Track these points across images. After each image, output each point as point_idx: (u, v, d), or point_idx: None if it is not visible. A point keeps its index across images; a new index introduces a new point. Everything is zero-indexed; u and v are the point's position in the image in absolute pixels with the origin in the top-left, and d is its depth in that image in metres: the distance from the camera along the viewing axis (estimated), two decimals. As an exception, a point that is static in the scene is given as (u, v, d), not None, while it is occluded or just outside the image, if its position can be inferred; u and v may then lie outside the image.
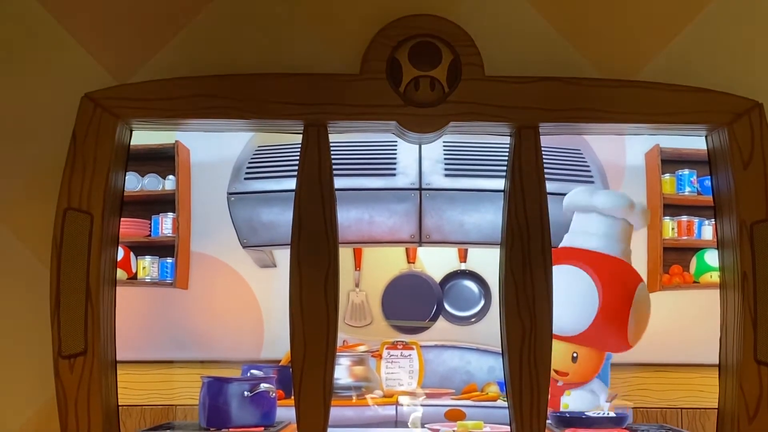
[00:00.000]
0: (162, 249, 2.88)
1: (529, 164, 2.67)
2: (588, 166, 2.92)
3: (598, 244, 2.84)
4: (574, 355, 2.82)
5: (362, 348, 2.98)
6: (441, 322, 3.05)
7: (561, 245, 2.82)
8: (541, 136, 2.68)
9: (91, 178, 2.62)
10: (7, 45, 2.83)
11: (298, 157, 2.67)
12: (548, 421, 2.68)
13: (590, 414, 2.83)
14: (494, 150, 2.89)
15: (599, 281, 2.81)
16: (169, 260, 2.88)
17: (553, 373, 2.71)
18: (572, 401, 2.85)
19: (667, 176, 2.90)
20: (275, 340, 2.86)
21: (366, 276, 2.99)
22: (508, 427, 2.68)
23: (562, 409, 2.80)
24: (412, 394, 2.96)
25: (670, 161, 2.90)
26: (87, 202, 2.61)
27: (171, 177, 2.88)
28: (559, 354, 2.78)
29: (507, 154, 2.73)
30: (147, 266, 2.87)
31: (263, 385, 2.79)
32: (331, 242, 2.64)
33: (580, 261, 2.80)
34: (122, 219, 2.75)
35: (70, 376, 2.59)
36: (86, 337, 2.59)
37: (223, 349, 2.88)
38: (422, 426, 2.87)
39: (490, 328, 2.86)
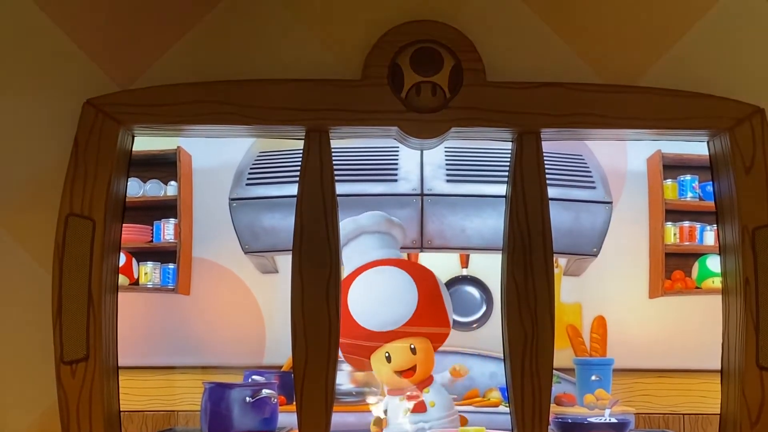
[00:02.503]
0: (164, 255, 2.88)
1: (530, 170, 2.67)
2: (590, 172, 2.92)
3: (382, 253, 2.90)
4: (412, 347, 2.85)
5: (363, 354, 2.98)
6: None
7: (349, 270, 2.90)
8: (542, 142, 2.68)
9: (93, 184, 2.62)
10: (8, 51, 2.83)
11: (299, 163, 2.68)
12: (550, 427, 2.68)
13: (592, 420, 2.83)
14: (496, 156, 2.89)
15: (409, 272, 2.88)
16: (171, 266, 2.88)
17: (402, 380, 2.84)
18: (435, 396, 2.86)
19: (668, 182, 2.90)
20: (277, 346, 2.86)
21: (368, 282, 2.99)
22: (510, 432, 2.69)
23: (431, 408, 2.86)
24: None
25: (672, 167, 2.90)
26: (89, 208, 2.62)
27: (173, 183, 2.88)
28: (401, 352, 2.85)
29: (509, 159, 2.73)
30: (149, 272, 2.87)
31: (265, 391, 2.78)
32: (333, 248, 2.64)
33: (385, 264, 2.90)
34: (124, 225, 2.75)
35: (72, 382, 2.59)
36: (88, 343, 2.59)
37: (225, 354, 2.88)
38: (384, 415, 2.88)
39: (492, 333, 2.86)
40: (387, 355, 2.85)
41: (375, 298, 2.87)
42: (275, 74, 2.73)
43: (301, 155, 2.68)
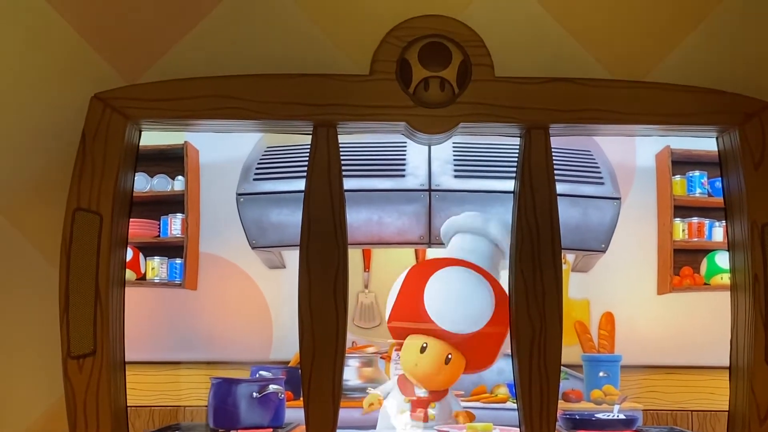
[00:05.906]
0: (171, 250, 2.88)
1: (539, 165, 2.66)
2: (598, 168, 2.91)
3: (484, 264, 2.88)
4: (449, 356, 2.83)
5: (371, 349, 2.97)
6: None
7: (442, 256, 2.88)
8: (551, 138, 2.68)
9: (101, 178, 2.62)
10: (16, 45, 2.83)
11: (307, 158, 2.67)
12: (558, 423, 2.68)
13: (600, 416, 2.83)
14: (504, 151, 2.88)
15: (495, 292, 2.85)
16: (178, 261, 2.88)
17: (418, 371, 2.83)
18: (438, 411, 2.85)
19: (677, 177, 2.89)
20: (284, 341, 2.86)
21: (375, 277, 2.99)
22: (518, 428, 2.68)
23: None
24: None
25: (681, 162, 2.89)
26: (96, 203, 2.61)
27: (180, 178, 2.88)
28: (437, 353, 2.83)
29: (517, 155, 2.73)
30: (156, 267, 2.87)
31: (272, 387, 2.78)
32: (341, 243, 2.64)
33: (475, 269, 2.87)
34: (131, 220, 2.75)
35: (79, 377, 2.59)
36: (95, 338, 2.59)
37: (232, 350, 2.88)
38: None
39: (500, 329, 2.86)
40: (425, 345, 2.84)
41: (453, 299, 2.85)
42: (283, 69, 2.73)
43: (308, 150, 2.67)
